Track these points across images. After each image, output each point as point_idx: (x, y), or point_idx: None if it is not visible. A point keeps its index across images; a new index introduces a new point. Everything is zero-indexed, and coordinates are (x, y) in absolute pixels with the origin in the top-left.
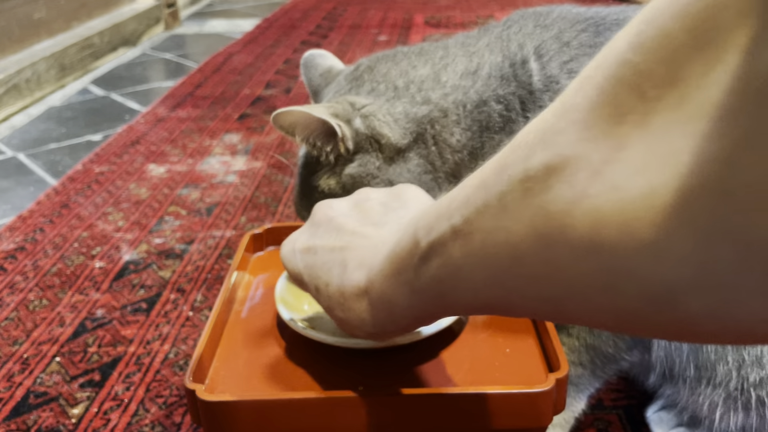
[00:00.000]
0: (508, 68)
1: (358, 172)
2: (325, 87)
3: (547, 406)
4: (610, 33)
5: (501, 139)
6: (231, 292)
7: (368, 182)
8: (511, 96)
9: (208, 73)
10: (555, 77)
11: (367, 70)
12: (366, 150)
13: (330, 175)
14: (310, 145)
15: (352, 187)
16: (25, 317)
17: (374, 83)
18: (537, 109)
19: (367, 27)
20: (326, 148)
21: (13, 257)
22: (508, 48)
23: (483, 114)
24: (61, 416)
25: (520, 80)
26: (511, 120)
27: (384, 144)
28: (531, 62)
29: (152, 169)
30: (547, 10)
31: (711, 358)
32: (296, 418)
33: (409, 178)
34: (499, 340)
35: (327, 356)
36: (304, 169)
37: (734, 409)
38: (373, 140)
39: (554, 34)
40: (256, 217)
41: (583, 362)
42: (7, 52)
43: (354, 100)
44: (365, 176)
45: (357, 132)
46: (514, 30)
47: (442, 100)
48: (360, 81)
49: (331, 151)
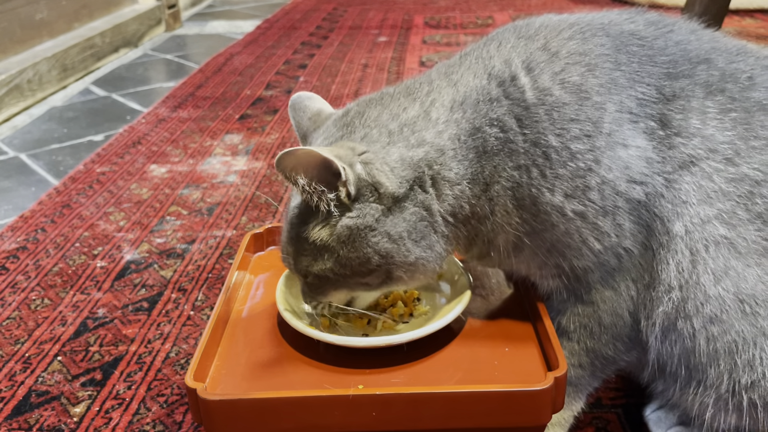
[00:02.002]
0: (496, 88)
1: (356, 224)
2: (313, 131)
3: (546, 404)
4: (598, 39)
5: (501, 160)
6: (232, 292)
7: (365, 236)
8: (506, 116)
9: (208, 74)
10: (548, 89)
11: (357, 115)
12: (366, 198)
13: (324, 225)
14: (311, 189)
15: (347, 240)
16: (27, 316)
17: (366, 129)
18: (534, 124)
19: (367, 28)
20: (326, 195)
21: (15, 257)
22: (491, 67)
23: (478, 140)
24: (62, 415)
25: (512, 98)
26: (509, 140)
27: (382, 193)
28: (521, 77)
29: (153, 170)
30: (527, 21)
31: (702, 361)
32: (296, 416)
33: (406, 228)
34: (498, 339)
35: (327, 355)
36: (296, 219)
37: (725, 411)
38: (373, 188)
39: (541, 44)
40: (256, 217)
41: (582, 364)
42: (9, 52)
43: (353, 145)
44: (363, 228)
45: (359, 177)
46: (494, 46)
47: (437, 138)
48: (351, 127)
49: (331, 198)
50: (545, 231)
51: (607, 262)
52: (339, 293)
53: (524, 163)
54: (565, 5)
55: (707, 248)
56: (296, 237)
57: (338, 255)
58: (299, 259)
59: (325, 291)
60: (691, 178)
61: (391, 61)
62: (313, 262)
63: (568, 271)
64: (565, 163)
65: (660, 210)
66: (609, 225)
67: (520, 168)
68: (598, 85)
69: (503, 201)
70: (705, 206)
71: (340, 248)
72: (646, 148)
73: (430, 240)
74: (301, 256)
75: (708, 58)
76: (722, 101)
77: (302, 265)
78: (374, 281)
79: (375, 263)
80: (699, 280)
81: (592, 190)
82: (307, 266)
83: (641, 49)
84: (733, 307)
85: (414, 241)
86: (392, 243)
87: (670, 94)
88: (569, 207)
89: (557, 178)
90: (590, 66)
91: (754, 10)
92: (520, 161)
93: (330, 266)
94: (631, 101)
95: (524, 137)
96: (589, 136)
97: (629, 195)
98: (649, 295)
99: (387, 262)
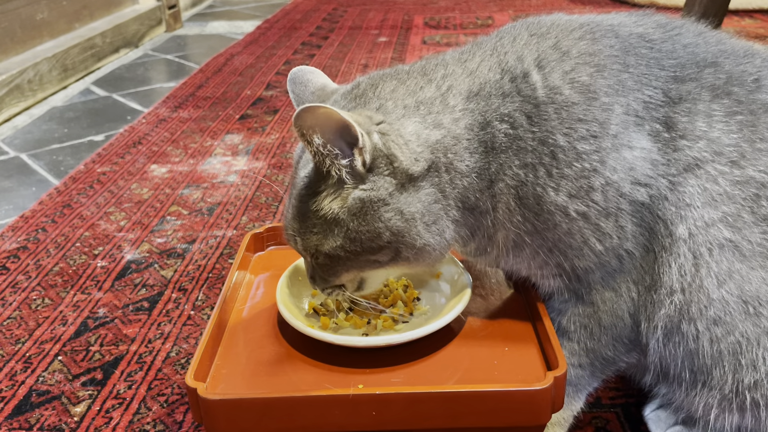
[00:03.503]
0: (508, 84)
1: (369, 197)
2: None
3: (545, 403)
4: (607, 40)
5: (507, 158)
6: (232, 292)
7: (377, 209)
8: (516, 112)
9: (209, 74)
10: (558, 88)
11: (371, 87)
12: (380, 170)
13: (335, 197)
14: (326, 152)
15: (358, 213)
16: (28, 316)
17: (381, 100)
18: (543, 123)
19: (367, 28)
20: (340, 161)
21: (16, 257)
22: (505, 62)
23: (488, 135)
24: (63, 414)
25: (524, 94)
26: (518, 137)
27: (396, 168)
28: (533, 74)
29: (154, 170)
30: (538, 19)
31: (707, 363)
32: (296, 415)
33: (420, 209)
34: (498, 339)
35: (327, 355)
36: (305, 190)
37: (729, 411)
38: (388, 161)
39: (552, 43)
40: (256, 217)
41: (582, 364)
42: (10, 52)
43: (371, 114)
44: (376, 202)
45: (375, 147)
46: (508, 40)
47: (454, 125)
48: (364, 98)
49: (344, 164)
50: (547, 230)
51: (608, 263)
52: (349, 274)
53: (531, 161)
54: (565, 5)
55: (711, 251)
56: (304, 211)
57: (348, 229)
58: (308, 236)
59: (336, 271)
60: (695, 180)
61: (391, 62)
62: (323, 239)
63: (569, 271)
64: (571, 163)
65: (663, 212)
66: (611, 226)
67: (526, 166)
68: (606, 86)
69: (506, 199)
70: (709, 209)
71: (351, 221)
72: (651, 150)
73: (441, 225)
74: (310, 233)
75: (715, 62)
76: (728, 104)
77: (311, 243)
78: (384, 258)
79: (386, 239)
80: (702, 284)
81: (595, 191)
82: (317, 244)
83: (650, 51)
84: (737, 308)
85: (426, 225)
86: (404, 222)
87: (677, 97)
88: (573, 207)
89: (563, 178)
90: (599, 67)
91: (754, 11)
92: (527, 159)
93: (340, 242)
94: (637, 104)
95: (533, 135)
96: (596, 136)
97: (633, 197)
98: (650, 297)
99: (397, 240)
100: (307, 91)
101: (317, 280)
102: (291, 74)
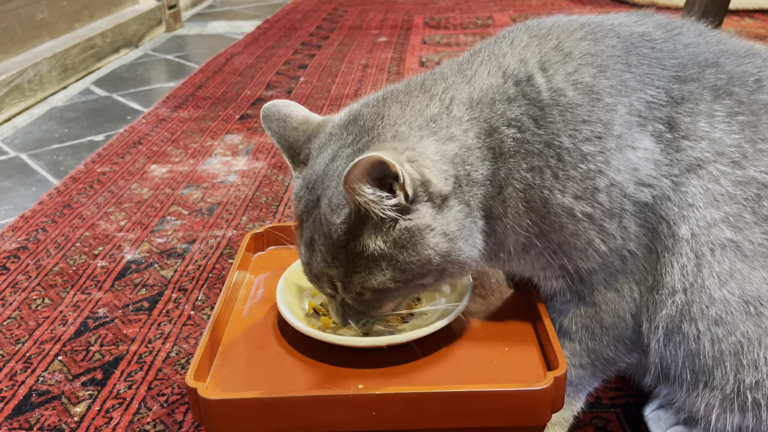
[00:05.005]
0: (513, 88)
1: (416, 225)
2: (306, 141)
3: (545, 403)
4: (609, 40)
5: (516, 162)
6: (232, 292)
7: (424, 236)
8: (523, 116)
9: (209, 74)
10: (561, 90)
11: (377, 117)
12: (419, 198)
13: (379, 233)
14: (376, 200)
15: (407, 243)
16: (28, 316)
17: (394, 128)
18: (548, 125)
19: (367, 28)
20: (387, 202)
21: (16, 257)
22: (506, 65)
23: (495, 141)
24: (63, 414)
25: (529, 98)
26: (526, 141)
27: (432, 192)
28: (537, 77)
29: (154, 170)
30: (538, 21)
31: (708, 363)
32: (296, 415)
33: (457, 226)
34: (498, 339)
35: (327, 355)
36: (344, 236)
37: (730, 410)
38: (424, 187)
39: (554, 44)
40: (257, 217)
41: (583, 365)
42: (10, 52)
43: (394, 145)
44: (423, 229)
45: (412, 177)
46: (507, 44)
47: (464, 136)
48: (376, 131)
49: (392, 204)
50: (553, 233)
51: (611, 263)
52: (395, 302)
53: (538, 164)
54: (565, 5)
55: (713, 252)
56: (344, 256)
57: (397, 261)
58: (350, 278)
59: (382, 303)
60: (698, 181)
61: (391, 62)
62: (368, 276)
63: (572, 272)
64: (577, 165)
65: (666, 213)
66: (615, 227)
67: (533, 169)
68: (609, 86)
69: (515, 203)
70: (711, 209)
71: (400, 254)
72: (653, 151)
73: (474, 237)
74: (353, 274)
75: (716, 62)
76: (730, 104)
77: (355, 283)
78: (430, 280)
79: (435, 263)
80: (704, 284)
81: (600, 192)
82: (362, 282)
83: (651, 51)
84: (738, 308)
85: (465, 240)
86: (449, 242)
87: (679, 97)
88: (579, 208)
89: (569, 180)
90: (602, 67)
91: (754, 11)
92: (534, 162)
93: (390, 275)
94: (640, 104)
95: (539, 138)
96: (600, 137)
97: (636, 197)
98: (652, 297)
99: (444, 260)
100: (288, 126)
101: (352, 316)
102: (264, 111)
